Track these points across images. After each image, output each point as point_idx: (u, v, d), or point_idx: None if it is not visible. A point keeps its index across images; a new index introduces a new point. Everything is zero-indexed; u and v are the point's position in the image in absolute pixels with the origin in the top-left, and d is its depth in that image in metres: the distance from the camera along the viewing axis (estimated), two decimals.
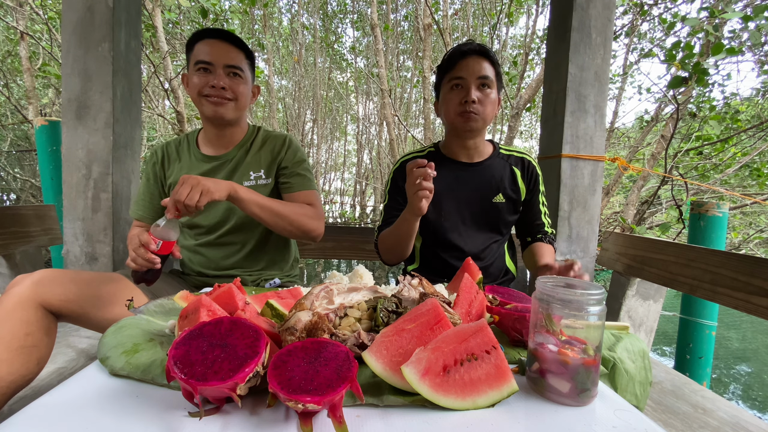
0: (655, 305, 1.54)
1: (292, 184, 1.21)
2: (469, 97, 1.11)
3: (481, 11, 6.12)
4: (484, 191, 1.22)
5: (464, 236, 1.23)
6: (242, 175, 1.19)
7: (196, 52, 1.10)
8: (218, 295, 0.61)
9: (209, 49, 1.09)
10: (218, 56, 1.09)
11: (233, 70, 1.11)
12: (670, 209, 4.87)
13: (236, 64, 1.11)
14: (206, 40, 1.10)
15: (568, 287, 0.50)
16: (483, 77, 1.12)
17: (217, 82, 1.08)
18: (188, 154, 1.23)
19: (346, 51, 9.41)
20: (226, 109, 1.11)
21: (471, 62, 1.12)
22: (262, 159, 1.21)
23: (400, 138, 6.52)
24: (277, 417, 0.42)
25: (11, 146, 6.43)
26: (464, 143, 1.22)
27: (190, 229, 1.23)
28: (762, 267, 1.04)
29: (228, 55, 1.10)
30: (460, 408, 0.44)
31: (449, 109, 1.16)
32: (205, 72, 1.09)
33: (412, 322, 0.51)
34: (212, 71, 1.09)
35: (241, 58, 1.13)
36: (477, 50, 1.13)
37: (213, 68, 1.09)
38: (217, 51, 1.09)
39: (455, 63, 1.14)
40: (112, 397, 0.44)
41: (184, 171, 1.20)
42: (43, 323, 0.77)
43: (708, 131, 4.11)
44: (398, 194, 1.26)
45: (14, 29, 4.75)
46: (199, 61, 1.09)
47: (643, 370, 0.66)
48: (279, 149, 1.23)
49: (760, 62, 3.90)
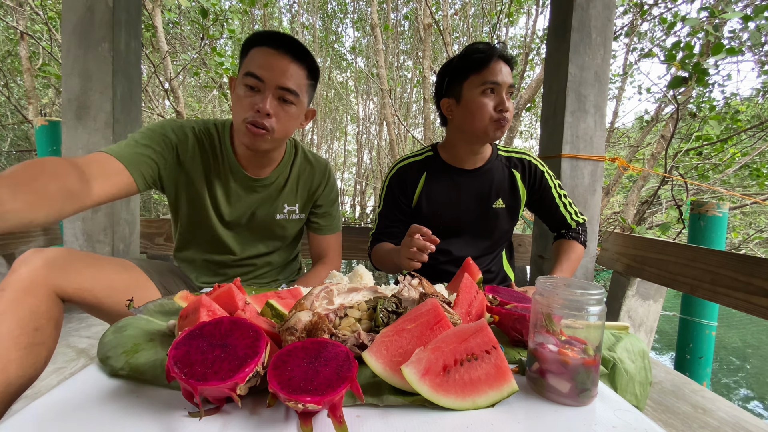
0: (655, 305, 1.54)
1: (321, 227, 1.18)
2: (505, 106, 1.05)
3: (482, 11, 6.12)
4: (484, 197, 1.19)
5: (462, 243, 1.21)
6: (276, 208, 1.10)
7: (249, 60, 0.92)
8: (218, 295, 0.61)
9: (264, 62, 0.90)
10: (272, 74, 0.90)
11: (286, 94, 0.92)
12: (670, 209, 4.87)
13: (291, 86, 0.92)
14: (265, 49, 0.91)
15: (568, 287, 0.50)
16: (511, 85, 1.07)
17: (263, 107, 0.90)
18: (226, 165, 1.03)
19: (346, 51, 9.41)
20: (263, 141, 0.95)
21: (503, 67, 1.06)
22: (299, 192, 1.12)
23: (400, 138, 6.52)
24: (277, 417, 0.42)
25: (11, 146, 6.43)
26: (473, 148, 1.16)
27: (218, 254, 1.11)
28: (762, 267, 1.04)
29: (285, 74, 0.91)
30: (460, 408, 0.44)
31: (481, 114, 1.07)
32: (252, 91, 0.91)
33: (412, 322, 0.51)
34: (261, 90, 0.91)
35: (300, 76, 0.94)
36: (504, 55, 1.07)
37: (263, 87, 0.90)
38: (272, 66, 0.90)
39: (488, 64, 1.05)
40: (112, 397, 0.44)
41: (223, 189, 1.04)
42: (53, 314, 0.70)
43: (708, 131, 4.11)
44: (393, 203, 1.23)
45: (14, 29, 4.75)
46: (249, 74, 0.90)
47: (643, 370, 0.66)
48: (318, 184, 1.14)
49: (760, 62, 3.90)
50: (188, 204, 1.04)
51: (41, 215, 0.65)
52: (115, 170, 0.85)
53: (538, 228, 1.73)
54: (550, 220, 1.27)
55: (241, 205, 1.07)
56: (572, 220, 1.25)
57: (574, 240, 1.22)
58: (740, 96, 4.33)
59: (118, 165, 0.85)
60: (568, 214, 1.24)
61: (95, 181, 0.79)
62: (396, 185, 1.22)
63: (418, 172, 1.21)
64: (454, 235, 1.21)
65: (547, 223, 1.30)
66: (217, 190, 1.04)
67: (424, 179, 1.20)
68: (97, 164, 0.82)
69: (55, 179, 0.69)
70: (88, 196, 0.76)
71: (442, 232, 1.20)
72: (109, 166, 0.84)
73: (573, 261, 1.17)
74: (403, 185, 1.22)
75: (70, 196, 0.71)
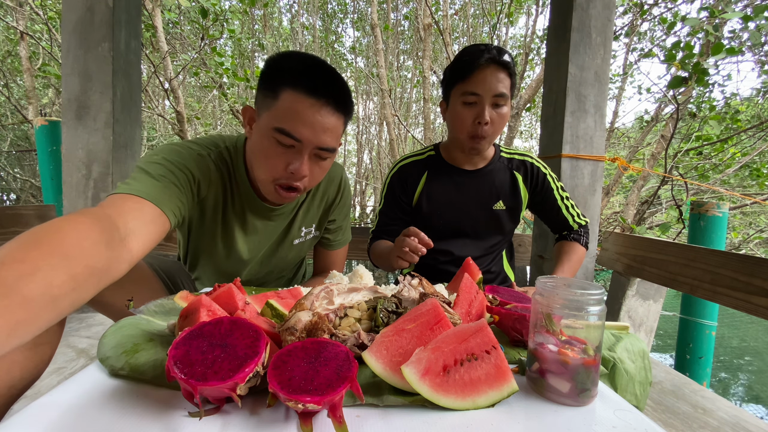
0: (655, 305, 1.54)
1: (332, 243, 1.12)
2: (483, 119, 1.02)
3: (481, 11, 6.12)
4: (484, 199, 1.19)
5: (462, 243, 1.21)
6: (294, 233, 1.03)
7: (281, 109, 0.75)
8: (218, 295, 0.61)
9: (305, 118, 0.75)
10: (313, 133, 0.76)
11: (324, 153, 0.81)
12: (670, 209, 4.87)
13: (332, 145, 0.80)
14: (302, 97, 0.74)
15: (568, 287, 0.50)
16: (499, 95, 1.02)
17: (300, 170, 0.78)
18: (240, 196, 0.92)
19: (346, 51, 9.41)
20: (292, 200, 0.87)
21: (488, 76, 1.01)
22: (315, 211, 1.05)
23: (400, 138, 6.52)
24: (277, 417, 0.42)
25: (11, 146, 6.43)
26: (468, 154, 1.17)
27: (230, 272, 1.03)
28: (762, 267, 1.04)
29: (327, 129, 0.77)
30: (460, 408, 0.44)
31: (459, 126, 1.08)
32: (288, 149, 0.78)
33: (412, 322, 0.51)
34: (296, 149, 0.78)
35: (340, 126, 0.81)
36: (495, 59, 1.01)
37: (299, 146, 0.77)
38: (313, 125, 0.76)
39: (470, 74, 1.02)
40: (112, 397, 0.44)
41: (239, 222, 0.94)
42: None
43: (708, 131, 4.11)
44: (394, 201, 1.23)
45: (14, 29, 4.75)
46: (282, 131, 0.75)
47: (643, 370, 0.66)
48: (333, 197, 1.06)
49: (760, 62, 3.90)
50: (200, 239, 0.96)
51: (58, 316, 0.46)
52: (151, 218, 0.70)
53: (538, 228, 1.73)
54: (552, 221, 1.27)
55: (258, 238, 0.99)
56: (574, 222, 1.24)
57: (575, 242, 1.22)
58: (740, 96, 4.33)
59: (154, 210, 0.71)
60: (570, 216, 1.24)
61: (132, 236, 0.63)
62: (397, 184, 1.22)
63: (420, 171, 1.21)
64: (455, 235, 1.21)
65: (549, 224, 1.30)
66: (234, 226, 0.94)
67: (426, 178, 1.20)
68: (132, 214, 0.66)
69: (74, 271, 0.48)
70: (120, 262, 0.59)
71: (442, 231, 1.19)
72: (144, 214, 0.69)
73: (574, 262, 1.17)
74: (404, 184, 1.22)
75: (97, 277, 0.52)
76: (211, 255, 0.99)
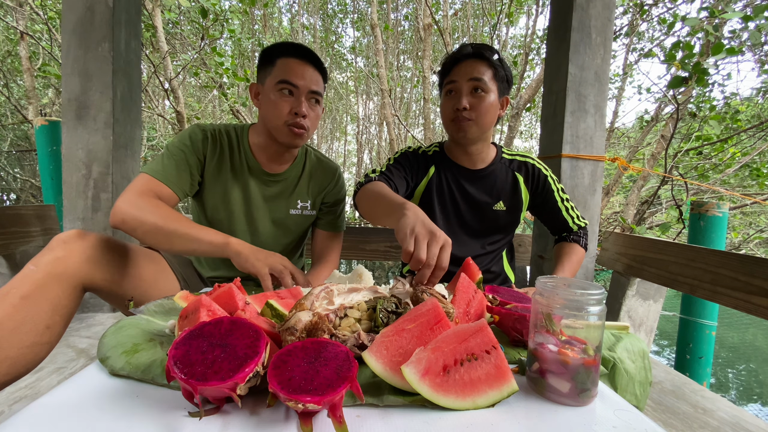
0: (655, 305, 1.54)
1: (326, 223, 1.24)
2: (460, 104, 1.07)
3: (481, 11, 6.12)
4: (485, 199, 1.19)
5: (462, 242, 1.21)
6: (291, 202, 1.17)
7: (279, 69, 1.01)
8: (218, 295, 0.61)
9: (297, 71, 1.01)
10: (304, 81, 1.01)
11: (315, 97, 1.05)
12: (670, 209, 4.87)
13: (319, 90, 1.05)
14: (292, 59, 1.02)
15: (568, 287, 0.50)
16: (475, 79, 1.06)
17: (301, 110, 1.01)
18: (243, 163, 1.11)
19: (346, 51, 9.41)
20: (302, 139, 1.06)
21: (464, 66, 1.08)
22: (311, 189, 1.20)
23: (400, 138, 6.52)
24: (277, 417, 0.42)
25: (11, 146, 6.43)
26: (465, 149, 1.17)
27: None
28: (762, 267, 1.04)
29: (313, 79, 1.03)
30: (460, 408, 0.44)
31: (444, 116, 1.14)
32: (289, 95, 1.02)
33: (412, 322, 0.51)
34: (295, 95, 1.02)
35: (321, 81, 1.07)
36: (472, 53, 1.08)
37: (297, 92, 1.02)
38: (303, 74, 1.01)
39: (450, 68, 1.11)
40: (112, 397, 0.44)
41: (240, 185, 1.11)
42: (70, 309, 0.69)
43: (708, 131, 4.11)
44: (406, 163, 1.19)
45: (14, 29, 4.74)
46: (284, 81, 1.00)
47: (643, 370, 0.66)
48: (328, 183, 1.21)
49: (760, 62, 3.90)
50: (207, 201, 1.10)
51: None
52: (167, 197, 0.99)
53: (538, 228, 1.73)
54: (552, 223, 1.28)
55: (258, 198, 1.13)
56: (574, 224, 1.25)
57: (575, 243, 1.23)
58: (740, 96, 4.32)
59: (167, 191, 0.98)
60: (570, 218, 1.25)
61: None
62: (412, 157, 1.21)
63: (429, 163, 1.22)
64: (454, 234, 1.21)
65: (549, 226, 1.30)
66: (234, 187, 1.10)
67: (433, 171, 1.21)
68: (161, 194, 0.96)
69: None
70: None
71: (441, 230, 1.19)
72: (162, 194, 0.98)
73: (574, 263, 1.17)
74: (416, 164, 1.21)
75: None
76: (214, 218, 1.11)
